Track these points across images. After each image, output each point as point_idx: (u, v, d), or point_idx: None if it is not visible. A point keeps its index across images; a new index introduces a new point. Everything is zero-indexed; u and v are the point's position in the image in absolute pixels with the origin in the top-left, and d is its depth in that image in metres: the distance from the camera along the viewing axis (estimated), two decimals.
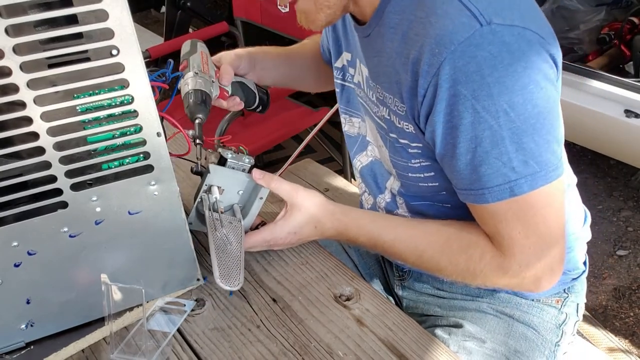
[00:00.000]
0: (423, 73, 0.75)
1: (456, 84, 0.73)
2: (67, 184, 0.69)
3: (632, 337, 1.89)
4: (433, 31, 0.74)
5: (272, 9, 2.25)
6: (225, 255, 0.82)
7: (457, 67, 0.72)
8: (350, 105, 1.06)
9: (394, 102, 0.84)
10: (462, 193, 0.81)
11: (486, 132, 0.74)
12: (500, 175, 0.76)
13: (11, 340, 0.77)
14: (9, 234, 0.69)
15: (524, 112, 0.73)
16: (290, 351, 0.78)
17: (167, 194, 0.76)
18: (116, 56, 0.65)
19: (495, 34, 0.71)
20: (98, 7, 0.62)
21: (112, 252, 0.77)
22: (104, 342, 0.80)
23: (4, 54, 0.60)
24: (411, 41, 0.78)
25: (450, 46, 0.72)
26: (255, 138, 2.07)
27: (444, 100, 0.74)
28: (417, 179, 0.90)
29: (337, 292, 0.86)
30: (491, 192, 0.77)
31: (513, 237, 0.79)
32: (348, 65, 1.02)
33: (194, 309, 0.84)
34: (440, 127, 0.77)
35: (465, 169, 0.78)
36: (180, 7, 2.96)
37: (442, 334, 0.98)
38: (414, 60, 0.77)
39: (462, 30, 0.72)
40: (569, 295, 1.03)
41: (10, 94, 0.62)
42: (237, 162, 0.87)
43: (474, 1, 0.73)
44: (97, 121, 0.68)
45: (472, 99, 0.72)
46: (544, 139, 0.75)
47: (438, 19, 0.74)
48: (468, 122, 0.74)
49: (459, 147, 0.76)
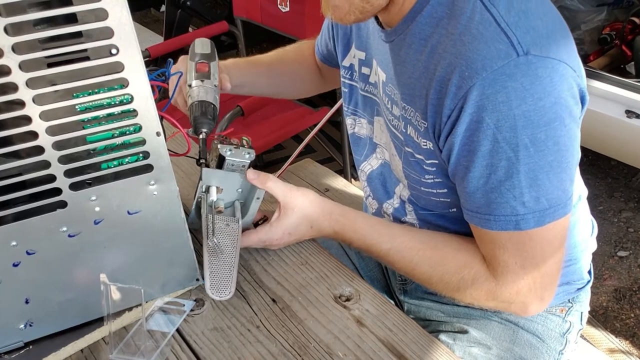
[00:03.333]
0: (450, 94, 0.73)
1: (481, 111, 0.71)
2: (66, 184, 0.69)
3: (632, 338, 1.89)
4: (465, 52, 0.72)
5: (272, 9, 2.25)
6: (218, 264, 0.83)
7: (485, 94, 0.70)
8: (358, 105, 1.04)
9: (415, 116, 0.82)
10: (468, 213, 0.81)
11: (503, 162, 0.73)
12: (508, 207, 0.75)
13: (10, 340, 0.76)
14: (7, 233, 0.69)
15: (544, 149, 0.72)
16: (289, 351, 0.77)
17: (166, 194, 0.76)
18: (116, 55, 0.65)
19: (529, 66, 0.69)
20: (97, 5, 0.62)
21: (111, 252, 0.77)
22: (103, 342, 0.80)
23: (3, 52, 0.60)
24: (439, 57, 0.75)
25: (482, 72, 0.70)
26: (255, 138, 2.06)
27: (465, 124, 0.73)
28: (429, 194, 0.88)
29: (337, 293, 0.86)
30: (497, 220, 0.76)
31: (509, 265, 0.79)
32: (360, 64, 1.00)
33: (193, 309, 0.84)
34: (457, 148, 0.76)
35: (475, 192, 0.77)
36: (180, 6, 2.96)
37: (446, 339, 0.98)
38: (440, 79, 0.75)
39: (497, 58, 0.70)
40: (573, 305, 1.02)
41: (10, 93, 0.62)
42: (235, 159, 0.84)
43: (512, 26, 0.71)
44: (97, 120, 0.68)
45: (494, 128, 0.71)
46: (559, 177, 0.74)
47: (472, 40, 0.72)
48: (486, 149, 0.73)
49: (473, 171, 0.75)
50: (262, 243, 0.90)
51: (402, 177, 0.93)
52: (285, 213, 0.88)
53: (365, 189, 1.10)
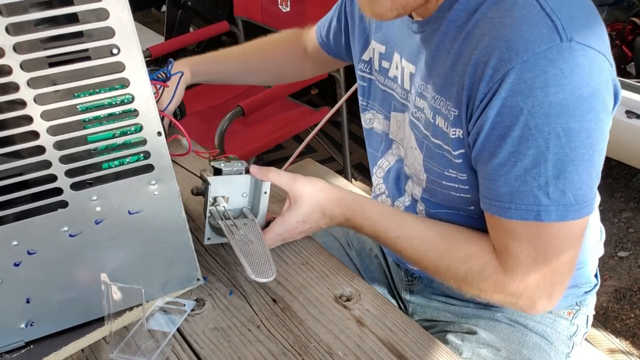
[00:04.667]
0: (486, 77, 0.71)
1: (516, 95, 0.69)
2: (67, 183, 0.69)
3: (632, 338, 1.89)
4: (507, 33, 0.70)
5: (273, 8, 2.25)
6: (250, 254, 0.82)
7: (523, 78, 0.68)
8: (377, 100, 1.02)
9: (446, 105, 0.80)
10: (485, 201, 0.79)
11: (531, 150, 0.71)
12: (532, 196, 0.73)
13: (11, 339, 0.76)
14: (9, 233, 0.69)
15: (577, 140, 0.70)
16: (290, 351, 0.77)
17: (167, 194, 0.76)
18: (117, 55, 0.65)
19: (572, 53, 0.68)
20: (99, 5, 0.62)
21: (112, 252, 0.77)
22: (104, 342, 0.80)
23: (4, 52, 0.60)
24: (475, 40, 0.73)
25: (523, 55, 0.68)
26: (255, 138, 2.07)
27: (496, 108, 0.71)
28: (450, 188, 0.86)
29: (337, 293, 0.86)
30: (517, 209, 0.74)
31: (521, 258, 0.77)
32: (380, 58, 0.97)
33: (194, 308, 0.84)
34: (485, 131, 0.73)
35: (497, 179, 0.75)
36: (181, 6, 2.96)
37: (454, 339, 0.97)
38: (476, 62, 0.73)
39: (540, 41, 0.68)
40: (580, 308, 1.02)
41: (11, 93, 0.62)
42: (231, 168, 0.88)
43: (557, 11, 0.69)
44: (98, 120, 0.68)
45: (527, 114, 0.69)
46: (588, 172, 0.72)
47: (515, 22, 0.70)
48: (516, 135, 0.71)
49: (498, 157, 0.73)
50: (280, 237, 0.89)
51: (419, 171, 0.91)
52: (295, 202, 0.88)
53: (379, 186, 1.09)
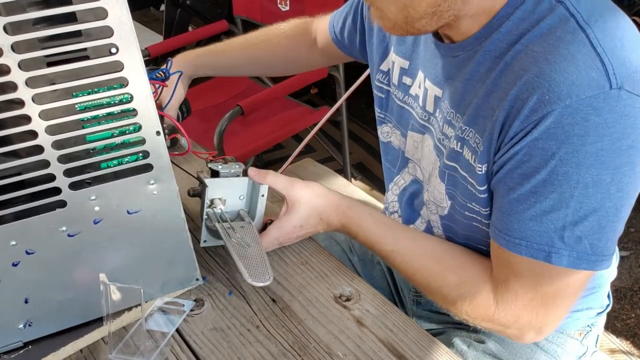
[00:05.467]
0: (522, 116, 0.67)
1: (549, 138, 0.65)
2: (65, 183, 0.69)
3: (633, 338, 1.89)
4: (550, 72, 0.64)
5: (272, 7, 2.25)
6: (247, 257, 0.82)
7: (562, 123, 0.64)
8: (394, 115, 0.98)
9: (475, 138, 0.76)
10: (495, 231, 0.76)
11: (554, 194, 0.67)
12: (545, 237, 0.70)
13: (9, 340, 0.76)
14: (7, 233, 0.69)
15: (605, 192, 0.66)
16: (289, 352, 0.77)
17: (166, 193, 0.75)
18: (115, 54, 0.64)
19: (619, 102, 0.63)
20: (97, 5, 0.61)
21: (111, 252, 0.76)
22: (103, 342, 0.80)
23: (2, 52, 0.60)
24: (514, 75, 0.69)
25: (566, 99, 0.63)
26: (255, 137, 2.06)
27: (526, 148, 0.67)
28: (472, 219, 0.83)
29: (337, 293, 0.86)
30: (528, 247, 0.71)
31: (518, 295, 0.75)
32: (401, 73, 0.94)
33: (193, 309, 0.83)
34: (508, 166, 0.70)
35: (511, 214, 0.72)
36: (180, 6, 2.95)
37: (460, 344, 0.96)
38: (513, 98, 0.68)
39: (588, 86, 0.63)
40: (591, 329, 1.00)
41: (9, 92, 0.62)
42: (228, 170, 0.88)
43: (609, 52, 0.64)
44: (96, 120, 0.68)
45: (558, 159, 0.65)
46: (611, 225, 0.69)
47: (561, 60, 0.64)
48: (540, 178, 0.67)
49: (517, 193, 0.70)
50: (276, 241, 0.88)
51: (440, 200, 0.88)
52: (292, 206, 0.87)
53: (393, 204, 1.05)
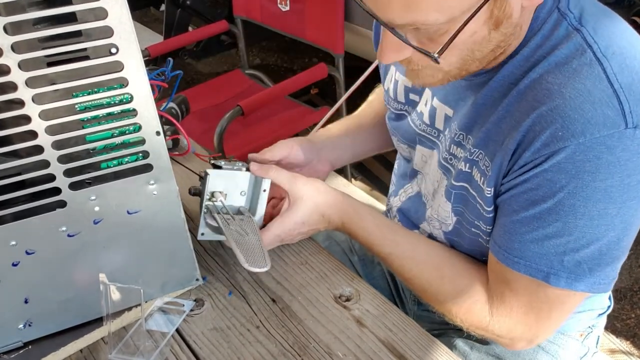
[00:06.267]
0: (533, 148, 0.66)
1: (559, 172, 0.65)
2: (65, 183, 0.69)
3: (633, 338, 1.88)
4: (564, 109, 0.63)
5: (272, 7, 2.25)
6: (244, 244, 0.80)
7: (573, 159, 0.63)
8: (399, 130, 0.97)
9: (484, 160, 0.75)
10: (495, 246, 0.76)
11: (558, 223, 0.67)
12: (545, 259, 0.70)
13: (9, 340, 0.76)
14: (7, 233, 0.69)
15: (609, 224, 0.67)
16: (289, 352, 0.77)
17: (166, 194, 0.75)
18: (115, 54, 0.64)
19: (633, 141, 0.62)
20: (97, 5, 0.61)
21: (111, 252, 0.76)
22: (102, 342, 0.80)
23: (2, 52, 0.60)
24: (527, 104, 0.68)
25: (580, 137, 0.62)
26: (256, 137, 2.06)
27: (534, 178, 0.67)
28: (477, 235, 0.83)
29: (336, 293, 0.86)
30: (527, 267, 0.72)
31: (513, 309, 0.76)
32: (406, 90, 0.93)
33: (193, 309, 0.83)
34: (515, 191, 0.70)
35: (512, 233, 0.72)
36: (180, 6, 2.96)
37: (463, 345, 0.96)
38: (525, 130, 0.67)
39: (603, 125, 0.62)
40: (592, 330, 1.00)
41: (9, 92, 0.62)
42: (231, 167, 0.87)
43: (626, 88, 0.63)
44: (96, 120, 0.68)
45: (566, 192, 0.65)
46: (612, 252, 0.69)
47: (576, 96, 0.63)
48: (546, 207, 0.67)
49: (520, 216, 0.70)
50: (278, 238, 0.85)
51: (446, 217, 0.87)
52: (295, 202, 0.85)
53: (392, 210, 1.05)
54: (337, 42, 2.06)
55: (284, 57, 3.61)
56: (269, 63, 3.56)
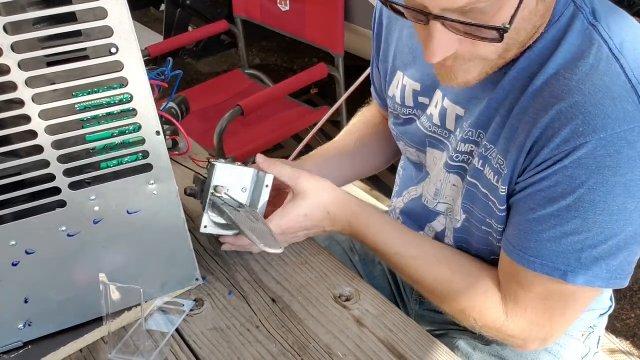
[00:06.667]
0: (552, 144, 0.66)
1: (580, 168, 0.65)
2: (65, 183, 0.69)
3: (633, 338, 1.88)
4: (584, 104, 0.64)
5: (272, 7, 2.25)
6: (257, 227, 0.79)
7: (594, 154, 0.64)
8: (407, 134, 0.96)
9: (497, 158, 0.75)
10: (508, 246, 0.75)
11: (577, 219, 0.67)
12: (562, 257, 0.70)
13: (9, 340, 0.76)
14: (7, 233, 0.69)
15: (627, 219, 0.67)
16: (289, 352, 0.77)
17: (166, 194, 0.75)
18: (115, 54, 0.64)
19: None
20: (97, 5, 0.61)
21: (111, 252, 0.76)
22: (102, 342, 0.80)
23: (2, 52, 0.60)
24: (543, 101, 0.68)
25: (601, 132, 0.63)
26: (256, 137, 2.06)
27: (554, 175, 0.67)
28: (487, 233, 0.83)
29: (337, 293, 0.86)
30: (544, 266, 0.71)
31: (527, 309, 0.75)
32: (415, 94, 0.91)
33: (193, 309, 0.83)
34: (532, 189, 0.70)
35: (529, 232, 0.72)
36: (180, 5, 2.96)
37: (466, 346, 0.95)
38: (544, 126, 0.67)
39: (623, 120, 0.62)
40: (594, 330, 1.00)
41: (9, 92, 0.62)
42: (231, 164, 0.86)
43: None
44: (96, 120, 0.68)
45: (586, 188, 0.65)
46: (630, 247, 0.69)
47: (595, 92, 0.64)
48: (565, 204, 0.67)
49: (537, 214, 0.70)
50: (279, 229, 0.83)
51: (457, 211, 0.87)
52: (298, 196, 0.83)
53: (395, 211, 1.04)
54: (337, 42, 2.06)
55: (284, 57, 3.61)
56: (269, 63, 3.56)
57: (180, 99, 1.15)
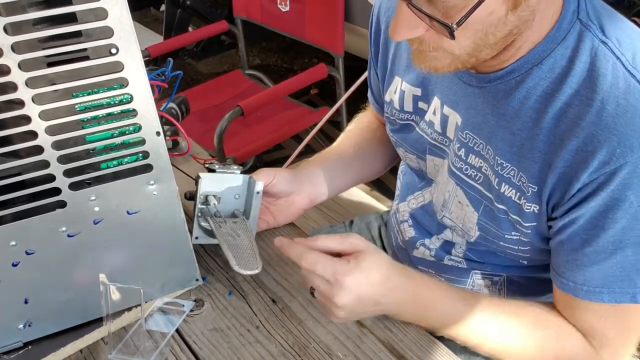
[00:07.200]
0: (590, 168, 0.67)
1: (626, 189, 0.66)
2: (65, 183, 0.69)
3: None
4: (615, 126, 0.65)
5: (272, 8, 2.25)
6: (236, 246, 0.80)
7: (636, 172, 0.65)
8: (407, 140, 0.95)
9: (519, 177, 0.75)
10: (568, 284, 0.74)
11: (634, 239, 0.68)
12: (628, 279, 0.70)
13: (9, 340, 0.76)
14: (7, 233, 0.69)
15: None
16: (289, 352, 0.77)
17: (166, 194, 0.75)
18: (115, 55, 0.64)
19: None
20: (97, 5, 0.61)
21: (111, 252, 0.76)
22: (102, 343, 0.80)
23: (2, 52, 0.60)
24: (571, 123, 0.68)
25: (638, 151, 0.64)
26: (255, 137, 2.06)
27: (601, 200, 0.67)
28: (505, 248, 0.83)
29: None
30: (612, 293, 0.71)
31: (609, 336, 0.75)
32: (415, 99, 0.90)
33: (193, 309, 0.83)
34: (581, 222, 0.70)
35: (589, 265, 0.71)
36: (180, 6, 2.96)
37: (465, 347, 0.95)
38: (576, 149, 0.68)
39: None
40: None
41: (9, 93, 0.62)
42: (225, 170, 0.86)
43: None
44: (96, 120, 0.68)
45: (637, 207, 0.66)
46: None
47: (623, 112, 0.65)
48: (620, 226, 0.68)
49: (594, 245, 0.70)
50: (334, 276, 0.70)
51: (469, 228, 0.86)
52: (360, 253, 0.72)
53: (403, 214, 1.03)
54: (337, 43, 2.06)
55: (284, 57, 3.61)
56: (269, 63, 3.56)
57: (180, 100, 1.15)
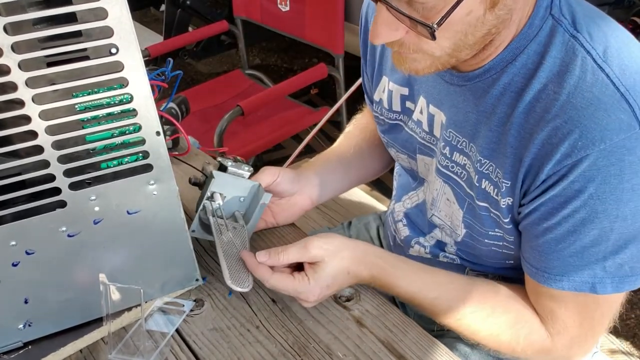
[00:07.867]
0: (553, 160, 0.68)
1: (585, 181, 0.66)
2: (65, 183, 0.69)
3: (633, 339, 1.88)
4: (579, 119, 0.65)
5: (272, 8, 2.25)
6: (233, 258, 0.81)
7: (597, 165, 0.65)
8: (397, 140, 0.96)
9: (496, 173, 0.76)
10: (531, 269, 0.76)
11: (594, 231, 0.69)
12: (587, 270, 0.71)
13: (9, 340, 0.76)
14: (7, 233, 0.69)
15: None
16: (289, 352, 0.77)
17: (166, 194, 0.75)
18: (115, 55, 0.64)
19: None
20: (97, 5, 0.61)
21: (111, 252, 0.76)
22: (102, 342, 0.80)
23: (2, 52, 0.60)
24: (538, 117, 0.69)
25: (599, 144, 0.64)
26: (256, 137, 2.06)
27: (561, 190, 0.68)
28: (492, 245, 0.83)
29: (336, 293, 0.86)
30: (571, 282, 0.72)
31: (567, 324, 0.76)
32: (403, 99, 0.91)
33: (193, 309, 0.83)
34: (543, 209, 0.71)
35: (549, 253, 0.73)
36: (180, 6, 2.96)
37: (464, 346, 0.95)
38: (542, 142, 0.69)
39: (619, 130, 0.64)
40: None
41: (9, 92, 0.62)
42: (237, 170, 0.87)
43: (632, 91, 0.65)
44: (96, 120, 0.68)
45: (596, 199, 0.67)
46: None
47: (588, 105, 0.65)
48: (579, 218, 0.68)
49: (554, 233, 0.71)
50: (296, 293, 0.79)
51: (456, 226, 0.87)
52: (315, 266, 0.79)
53: (398, 214, 1.03)
54: (337, 43, 2.06)
55: (284, 57, 3.61)
56: (269, 63, 3.56)
57: (180, 99, 1.15)
